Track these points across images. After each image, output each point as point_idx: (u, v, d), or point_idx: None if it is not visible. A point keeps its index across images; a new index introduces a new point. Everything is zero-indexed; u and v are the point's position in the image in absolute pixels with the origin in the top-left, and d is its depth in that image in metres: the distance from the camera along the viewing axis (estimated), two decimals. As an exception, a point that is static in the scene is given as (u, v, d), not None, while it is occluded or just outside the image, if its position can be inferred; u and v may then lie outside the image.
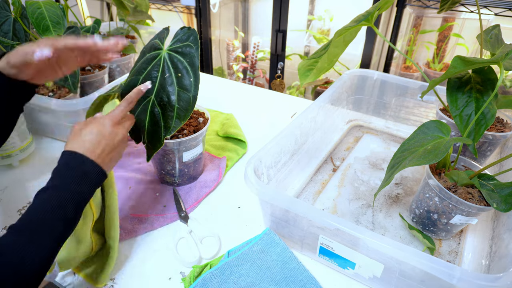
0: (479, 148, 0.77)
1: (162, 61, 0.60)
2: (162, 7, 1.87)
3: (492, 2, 1.16)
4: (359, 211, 0.73)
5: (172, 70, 0.59)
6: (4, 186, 0.78)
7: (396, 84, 0.93)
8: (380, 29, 1.53)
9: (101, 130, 0.53)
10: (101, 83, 1.05)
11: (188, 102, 0.58)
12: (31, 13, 0.84)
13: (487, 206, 0.57)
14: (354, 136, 0.98)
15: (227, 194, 0.77)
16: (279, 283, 0.56)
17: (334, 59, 0.74)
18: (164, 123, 0.60)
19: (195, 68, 0.58)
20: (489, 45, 0.69)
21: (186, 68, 0.59)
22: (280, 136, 0.68)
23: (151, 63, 0.61)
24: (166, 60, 0.60)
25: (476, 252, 0.64)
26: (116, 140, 0.54)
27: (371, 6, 0.69)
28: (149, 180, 0.80)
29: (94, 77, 1.02)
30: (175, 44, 0.61)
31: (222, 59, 2.23)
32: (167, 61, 0.60)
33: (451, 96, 0.64)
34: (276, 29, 1.52)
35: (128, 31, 1.27)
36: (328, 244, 0.56)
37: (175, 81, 0.59)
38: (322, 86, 1.70)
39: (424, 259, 0.45)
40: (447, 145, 0.53)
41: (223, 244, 0.65)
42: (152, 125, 0.61)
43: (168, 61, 0.60)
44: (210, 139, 0.94)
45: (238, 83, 1.27)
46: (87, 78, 1.01)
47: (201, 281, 0.56)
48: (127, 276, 0.60)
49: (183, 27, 0.61)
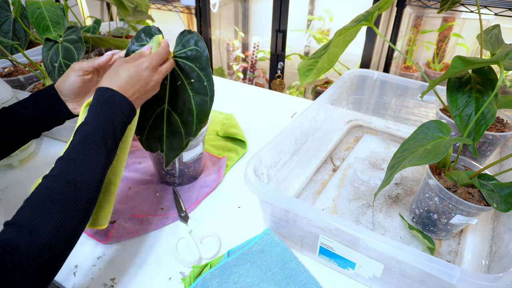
0: (479, 148, 0.77)
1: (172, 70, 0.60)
2: (162, 7, 1.87)
3: (492, 2, 1.16)
4: (359, 211, 0.73)
5: (182, 77, 0.59)
6: (4, 186, 0.78)
7: (396, 84, 0.93)
8: (380, 29, 1.53)
9: (138, 72, 0.54)
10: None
11: (206, 105, 0.59)
12: (31, 13, 0.84)
13: (487, 206, 0.57)
14: (354, 136, 0.98)
15: (227, 194, 0.77)
16: (279, 283, 0.56)
17: (334, 59, 0.74)
18: (185, 129, 0.60)
19: (207, 71, 0.58)
20: (489, 45, 0.69)
21: (197, 72, 0.58)
22: (280, 136, 0.68)
23: None
24: (175, 68, 0.60)
25: (476, 252, 0.64)
26: (150, 85, 0.55)
27: (371, 6, 0.69)
28: (149, 180, 0.80)
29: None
30: (179, 50, 0.60)
31: (222, 59, 2.23)
32: (175, 69, 0.60)
33: (451, 96, 0.64)
34: (276, 29, 1.52)
35: (128, 31, 1.27)
36: (328, 244, 0.56)
37: (188, 87, 0.59)
38: (322, 86, 1.70)
39: (424, 259, 0.45)
40: (447, 145, 0.53)
41: (223, 244, 0.65)
42: (171, 133, 0.61)
43: (177, 69, 0.60)
44: (210, 139, 0.94)
45: (238, 83, 1.27)
46: (87, 78, 1.00)
47: (201, 281, 0.56)
48: (127, 276, 0.60)
49: (183, 31, 0.61)
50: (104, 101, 0.50)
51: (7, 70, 1.02)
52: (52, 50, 0.80)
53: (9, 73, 1.00)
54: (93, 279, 0.59)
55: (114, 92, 0.51)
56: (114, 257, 0.63)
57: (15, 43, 0.81)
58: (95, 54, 1.16)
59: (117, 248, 0.65)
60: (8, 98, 0.76)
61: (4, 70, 1.02)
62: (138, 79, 0.53)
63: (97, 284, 0.58)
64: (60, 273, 0.60)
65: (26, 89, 0.94)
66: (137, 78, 0.53)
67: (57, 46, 0.80)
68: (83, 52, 0.88)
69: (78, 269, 0.61)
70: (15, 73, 1.00)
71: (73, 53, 0.88)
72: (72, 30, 0.84)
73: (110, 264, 0.62)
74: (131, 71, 0.53)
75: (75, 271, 0.60)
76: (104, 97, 0.50)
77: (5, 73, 1.01)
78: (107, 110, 0.50)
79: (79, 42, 0.89)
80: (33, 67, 1.00)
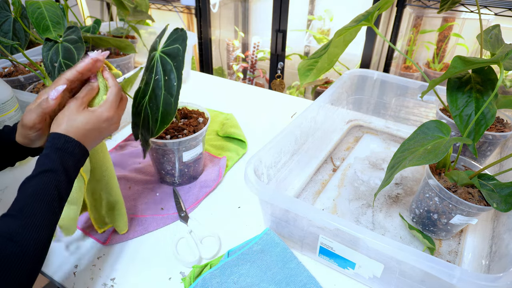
0: (479, 148, 0.77)
1: (155, 63, 0.59)
2: (162, 7, 1.87)
3: (492, 2, 1.16)
4: (359, 211, 0.73)
5: (161, 72, 0.58)
6: (4, 186, 0.78)
7: (396, 84, 0.93)
8: (380, 29, 1.53)
9: (97, 124, 0.52)
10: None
11: (171, 106, 0.58)
12: (31, 13, 0.83)
13: (487, 206, 0.57)
14: (354, 136, 0.98)
15: (227, 194, 0.77)
16: (279, 283, 0.56)
17: (334, 59, 0.74)
18: (151, 125, 0.59)
19: (180, 72, 0.57)
20: (489, 45, 0.68)
21: (173, 71, 0.58)
22: (280, 136, 0.68)
23: (150, 63, 0.61)
24: (158, 62, 0.59)
25: (476, 252, 0.64)
26: (104, 134, 0.54)
27: (371, 6, 0.69)
28: (149, 180, 0.80)
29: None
30: (166, 46, 0.60)
31: (222, 59, 2.23)
32: (159, 63, 0.59)
33: (451, 96, 0.64)
34: (276, 29, 1.52)
35: (128, 31, 1.27)
36: (328, 244, 0.56)
37: (163, 84, 0.58)
38: (322, 86, 1.70)
39: (424, 259, 0.45)
40: (447, 145, 0.53)
41: (223, 244, 0.65)
42: (143, 127, 0.61)
43: (160, 63, 0.59)
44: (210, 139, 0.94)
45: (238, 83, 1.27)
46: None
47: (201, 281, 0.56)
48: (127, 276, 0.60)
49: (176, 28, 0.61)
50: (58, 148, 0.48)
51: (7, 70, 1.02)
52: (52, 50, 0.80)
53: (9, 73, 1.00)
54: (93, 279, 0.59)
55: (69, 138, 0.49)
56: (114, 257, 0.63)
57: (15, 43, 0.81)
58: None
59: (117, 248, 0.65)
60: (8, 98, 0.76)
61: (4, 70, 1.02)
62: (97, 132, 0.53)
63: (97, 284, 0.58)
64: (60, 273, 0.60)
65: (26, 89, 0.94)
66: (95, 130, 0.52)
67: (57, 46, 0.80)
68: (83, 52, 0.88)
69: (78, 269, 0.61)
70: (15, 73, 1.00)
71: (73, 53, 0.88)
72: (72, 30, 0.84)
73: (110, 264, 0.62)
74: (90, 124, 0.51)
75: (75, 271, 0.60)
76: (58, 144, 0.48)
77: (5, 73, 1.01)
78: (61, 157, 0.48)
79: (79, 42, 0.89)
80: (33, 67, 1.00)
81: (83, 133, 0.51)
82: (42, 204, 0.44)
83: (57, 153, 0.48)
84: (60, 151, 0.48)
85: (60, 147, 0.48)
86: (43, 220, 0.44)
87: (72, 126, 0.50)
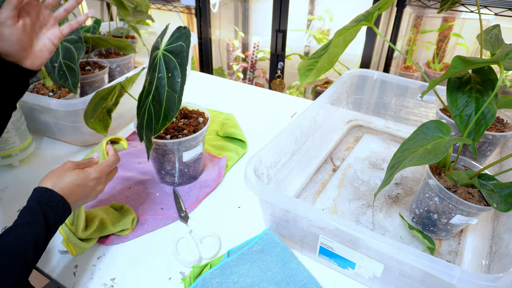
0: (479, 148, 0.77)
1: (158, 61, 0.60)
2: (162, 7, 1.87)
3: (492, 2, 1.16)
4: (359, 211, 0.73)
5: (165, 70, 0.59)
6: (4, 186, 0.78)
7: (396, 84, 0.93)
8: (380, 29, 1.53)
9: (84, 183, 0.55)
10: (101, 83, 1.05)
11: (174, 103, 0.58)
12: (31, 13, 0.83)
13: (487, 206, 0.57)
14: (354, 136, 0.98)
15: (227, 194, 0.77)
16: (279, 283, 0.56)
17: (334, 59, 0.74)
18: (154, 123, 0.60)
19: (184, 68, 0.58)
20: (489, 45, 0.69)
21: (177, 68, 0.58)
22: (280, 136, 0.68)
23: (152, 62, 0.61)
24: (161, 60, 0.60)
25: (476, 252, 0.64)
26: (92, 195, 0.57)
27: (371, 6, 0.69)
28: (149, 180, 0.80)
29: (94, 77, 1.02)
30: (169, 44, 0.60)
31: (222, 59, 2.23)
32: (162, 61, 0.59)
33: (451, 96, 0.64)
34: (276, 29, 1.52)
35: (128, 31, 1.27)
36: (328, 244, 0.56)
37: (166, 81, 0.59)
38: (322, 86, 1.70)
39: (424, 259, 0.45)
40: (447, 145, 0.53)
41: (223, 244, 0.65)
42: (147, 126, 0.61)
43: (163, 61, 0.59)
44: (210, 139, 0.94)
45: (238, 83, 1.27)
46: (87, 78, 1.01)
47: (201, 281, 0.56)
48: (127, 276, 0.60)
49: (179, 26, 0.61)
50: (42, 202, 0.49)
51: (7, 70, 1.02)
52: (52, 50, 0.80)
53: (9, 73, 1.00)
54: (93, 279, 0.59)
55: (54, 193, 0.51)
56: (114, 257, 0.63)
57: (15, 43, 0.81)
58: (95, 54, 1.16)
59: (117, 248, 0.65)
60: (8, 98, 0.76)
61: (4, 70, 1.02)
62: (83, 189, 0.54)
63: (97, 284, 0.58)
64: (60, 273, 0.60)
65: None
66: (81, 187, 0.54)
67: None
68: (83, 52, 0.88)
69: (78, 269, 0.61)
70: (15, 73, 1.00)
71: (73, 53, 0.88)
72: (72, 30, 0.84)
73: (110, 264, 0.62)
74: (78, 181, 0.54)
75: (75, 271, 0.60)
76: (43, 198, 0.50)
77: (5, 73, 1.00)
78: (44, 210, 0.49)
79: (79, 42, 0.89)
80: (33, 67, 1.00)
81: (69, 188, 0.52)
82: (14, 261, 0.44)
83: (40, 205, 0.49)
84: (44, 204, 0.49)
85: (44, 201, 0.50)
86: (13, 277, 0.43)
87: (62, 181, 0.52)
